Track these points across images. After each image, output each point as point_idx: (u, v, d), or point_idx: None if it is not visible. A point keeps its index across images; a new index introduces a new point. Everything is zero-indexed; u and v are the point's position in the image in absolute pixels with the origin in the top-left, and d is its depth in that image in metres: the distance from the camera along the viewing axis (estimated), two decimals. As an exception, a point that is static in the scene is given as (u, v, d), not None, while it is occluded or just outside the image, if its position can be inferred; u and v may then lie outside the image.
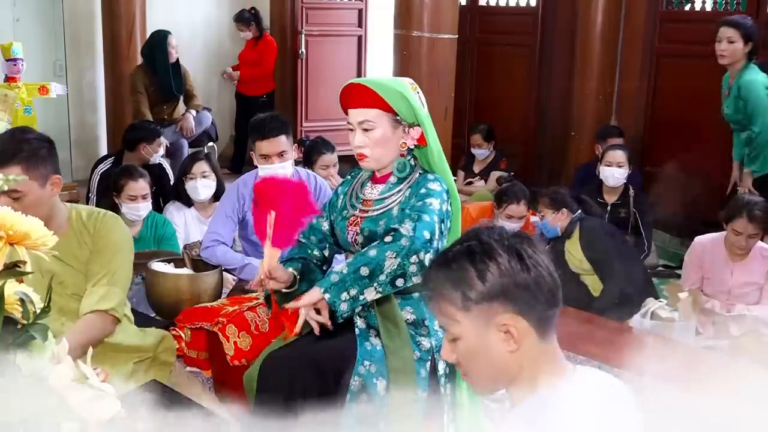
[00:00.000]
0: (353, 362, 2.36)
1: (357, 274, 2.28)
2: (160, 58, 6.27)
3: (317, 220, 2.64)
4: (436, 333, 2.41)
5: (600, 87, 6.17)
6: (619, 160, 4.97)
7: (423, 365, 2.39)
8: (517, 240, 1.47)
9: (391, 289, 2.33)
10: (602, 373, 1.55)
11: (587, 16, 6.13)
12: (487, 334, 1.43)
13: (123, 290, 2.65)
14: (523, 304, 1.43)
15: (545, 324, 1.46)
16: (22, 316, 1.39)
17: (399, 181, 2.49)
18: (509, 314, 1.43)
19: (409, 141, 2.47)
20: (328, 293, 2.29)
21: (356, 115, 2.46)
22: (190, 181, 4.31)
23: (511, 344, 1.43)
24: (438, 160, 2.50)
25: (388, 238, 2.32)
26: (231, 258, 3.66)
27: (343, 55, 8.07)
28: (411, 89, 2.47)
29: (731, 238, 3.85)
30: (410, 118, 2.45)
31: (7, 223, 1.33)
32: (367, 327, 2.42)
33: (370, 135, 2.44)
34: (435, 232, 2.33)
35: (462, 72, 6.23)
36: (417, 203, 2.39)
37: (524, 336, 1.44)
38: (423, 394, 2.37)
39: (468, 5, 7.32)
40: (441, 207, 2.39)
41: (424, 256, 2.29)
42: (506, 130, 6.83)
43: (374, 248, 2.32)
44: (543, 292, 1.44)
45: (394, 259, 2.27)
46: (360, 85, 2.46)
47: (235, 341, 2.75)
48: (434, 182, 2.44)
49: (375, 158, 2.47)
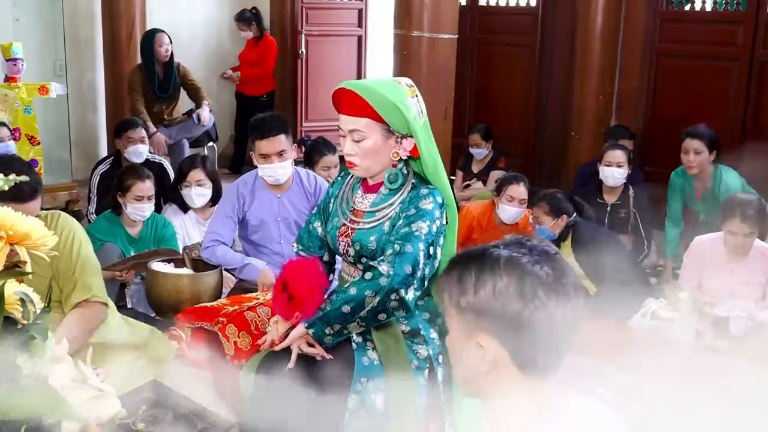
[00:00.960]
0: (350, 373, 2.35)
1: (339, 311, 2.32)
2: (147, 56, 6.28)
3: (313, 226, 2.63)
4: (433, 341, 2.41)
5: (600, 87, 6.17)
6: (619, 160, 4.96)
7: (421, 373, 2.38)
8: (544, 275, 1.33)
9: (374, 323, 2.35)
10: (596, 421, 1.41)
11: (587, 16, 6.13)
12: (466, 343, 1.38)
13: (96, 276, 2.72)
14: (506, 335, 1.34)
15: (532, 365, 1.35)
16: (22, 316, 1.39)
17: (391, 193, 2.42)
18: (489, 336, 1.35)
19: (402, 152, 2.38)
20: (312, 329, 2.35)
21: (347, 123, 2.38)
22: (185, 189, 4.30)
23: (484, 364, 1.36)
24: (433, 171, 2.41)
25: (368, 275, 2.32)
26: (231, 258, 3.66)
27: (343, 55, 8.07)
28: (408, 95, 2.36)
29: (727, 239, 3.86)
30: (403, 129, 2.35)
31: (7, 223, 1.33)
32: (363, 341, 2.41)
33: (360, 145, 2.37)
34: (418, 262, 2.30)
35: (462, 72, 6.23)
36: (403, 229, 2.33)
37: (500, 365, 1.36)
38: (422, 403, 2.37)
39: (468, 5, 7.32)
40: (431, 228, 2.32)
41: (405, 292, 2.29)
42: (506, 130, 6.83)
43: (354, 286, 2.32)
44: (537, 336, 1.32)
45: (374, 298, 2.29)
46: (352, 92, 2.34)
47: (235, 341, 2.75)
48: (427, 198, 2.36)
49: (364, 167, 2.41)
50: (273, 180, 3.64)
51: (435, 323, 2.45)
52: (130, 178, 4.06)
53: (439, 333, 2.44)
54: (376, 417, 2.33)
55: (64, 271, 2.65)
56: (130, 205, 4.02)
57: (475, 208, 4.90)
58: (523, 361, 1.35)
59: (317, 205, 2.70)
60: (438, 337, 2.43)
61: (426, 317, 2.44)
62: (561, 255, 1.40)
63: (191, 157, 4.65)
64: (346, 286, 2.35)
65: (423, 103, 2.43)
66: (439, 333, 2.44)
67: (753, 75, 5.64)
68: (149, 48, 6.25)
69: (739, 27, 5.69)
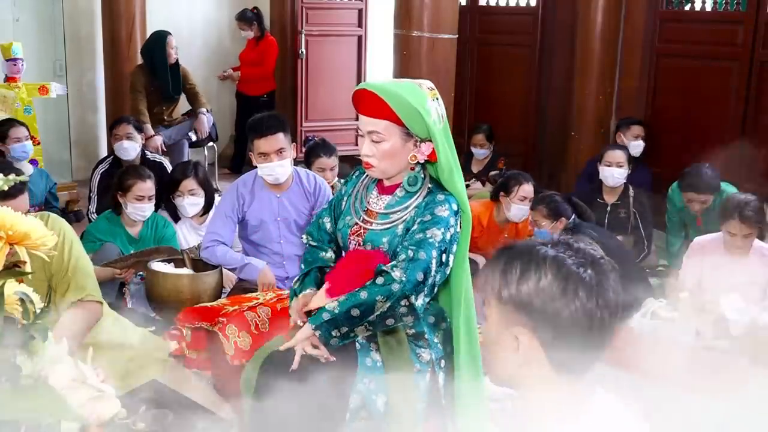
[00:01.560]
0: (353, 374, 2.35)
1: (348, 314, 2.30)
2: (159, 59, 6.25)
3: (323, 221, 2.62)
4: (436, 345, 2.41)
5: (600, 87, 6.17)
6: (619, 159, 4.96)
7: (423, 377, 2.38)
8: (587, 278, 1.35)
9: (382, 327, 2.34)
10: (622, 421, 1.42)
11: (587, 16, 6.13)
12: (503, 334, 1.40)
13: (90, 275, 2.71)
14: (543, 332, 1.36)
15: (565, 365, 1.38)
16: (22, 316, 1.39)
17: (407, 196, 2.41)
18: (527, 330, 1.37)
19: (420, 156, 2.36)
20: (319, 331, 2.32)
21: (366, 124, 2.36)
22: (177, 198, 4.25)
23: (519, 357, 1.39)
24: (449, 177, 2.38)
25: (380, 280, 2.30)
26: (231, 258, 3.66)
27: (343, 55, 8.07)
28: (430, 99, 2.35)
29: (727, 240, 3.87)
30: (423, 133, 2.34)
31: (7, 223, 1.33)
32: (367, 341, 2.40)
33: (378, 146, 2.35)
34: (431, 269, 2.29)
35: (462, 72, 6.23)
36: (418, 235, 2.32)
37: (534, 359, 1.38)
38: (423, 407, 2.37)
39: (468, 5, 7.32)
40: (444, 236, 2.31)
41: (415, 299, 2.29)
42: (506, 130, 6.83)
43: (365, 290, 2.30)
44: (573, 337, 1.34)
45: (384, 303, 2.28)
46: (373, 93, 2.33)
47: (235, 341, 2.75)
48: (443, 205, 2.34)
49: (381, 169, 2.39)
50: (272, 179, 3.63)
51: (439, 327, 2.44)
52: (131, 177, 4.06)
53: (443, 337, 2.44)
54: (377, 418, 2.32)
55: (57, 272, 2.65)
56: (130, 205, 4.02)
57: (476, 207, 4.89)
58: (557, 359, 1.37)
59: (329, 201, 2.68)
60: (441, 342, 2.43)
61: (431, 321, 2.43)
62: (606, 259, 1.41)
63: (183, 164, 4.60)
64: (356, 290, 2.33)
65: (443, 107, 2.42)
66: (442, 337, 2.44)
67: (753, 75, 5.63)
68: (161, 50, 6.24)
69: (739, 27, 5.68)
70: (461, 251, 2.42)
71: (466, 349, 2.42)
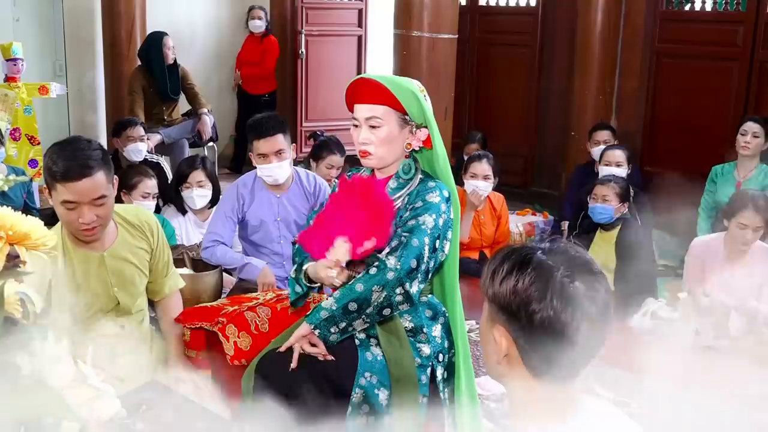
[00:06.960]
0: (354, 372, 2.36)
1: (345, 309, 2.32)
2: (155, 59, 6.25)
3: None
4: (435, 339, 2.42)
5: (600, 86, 6.17)
6: (618, 159, 4.97)
7: (424, 371, 2.40)
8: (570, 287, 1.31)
9: (379, 318, 2.36)
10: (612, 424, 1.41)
11: (587, 16, 6.13)
12: (490, 329, 1.41)
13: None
14: (516, 335, 1.36)
15: (543, 372, 1.36)
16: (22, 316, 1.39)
17: (399, 186, 2.44)
18: (504, 330, 1.37)
19: (415, 143, 2.41)
20: (318, 329, 2.35)
21: (364, 111, 2.41)
22: (185, 190, 4.29)
23: (497, 355, 1.39)
24: (443, 164, 2.45)
25: (373, 270, 2.32)
26: (231, 258, 3.66)
27: (343, 55, 8.07)
28: (419, 91, 2.42)
29: (735, 233, 3.81)
30: (419, 119, 2.40)
31: (7, 223, 1.33)
32: (367, 337, 2.42)
33: (376, 132, 2.39)
34: (423, 255, 2.31)
35: (462, 72, 6.23)
36: (410, 221, 2.35)
37: (513, 359, 1.38)
38: (424, 400, 2.39)
39: (468, 5, 7.32)
40: (437, 222, 2.35)
41: (410, 285, 2.30)
42: (506, 130, 6.83)
43: (360, 282, 2.33)
44: (548, 345, 1.32)
45: (380, 292, 2.30)
46: (370, 80, 2.41)
47: (235, 341, 2.75)
48: (434, 192, 2.38)
49: (378, 156, 2.43)
50: (271, 180, 3.64)
51: (437, 321, 2.45)
52: (137, 175, 4.15)
53: (441, 331, 2.45)
54: (379, 412, 2.33)
55: (161, 270, 2.85)
56: (136, 203, 4.04)
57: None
58: (533, 366, 1.36)
59: (321, 203, 2.70)
60: (440, 336, 2.44)
61: (429, 315, 2.45)
62: (602, 275, 1.37)
63: (191, 158, 4.64)
64: (351, 283, 2.35)
65: (430, 104, 2.47)
66: (441, 331, 2.45)
67: (753, 75, 5.64)
68: (158, 50, 6.24)
69: (739, 27, 5.69)
70: (455, 240, 2.44)
71: (464, 343, 2.43)
